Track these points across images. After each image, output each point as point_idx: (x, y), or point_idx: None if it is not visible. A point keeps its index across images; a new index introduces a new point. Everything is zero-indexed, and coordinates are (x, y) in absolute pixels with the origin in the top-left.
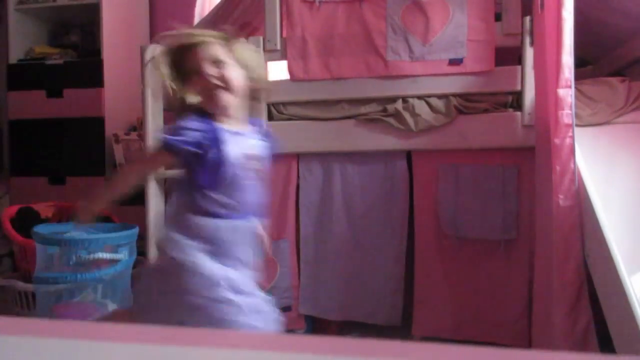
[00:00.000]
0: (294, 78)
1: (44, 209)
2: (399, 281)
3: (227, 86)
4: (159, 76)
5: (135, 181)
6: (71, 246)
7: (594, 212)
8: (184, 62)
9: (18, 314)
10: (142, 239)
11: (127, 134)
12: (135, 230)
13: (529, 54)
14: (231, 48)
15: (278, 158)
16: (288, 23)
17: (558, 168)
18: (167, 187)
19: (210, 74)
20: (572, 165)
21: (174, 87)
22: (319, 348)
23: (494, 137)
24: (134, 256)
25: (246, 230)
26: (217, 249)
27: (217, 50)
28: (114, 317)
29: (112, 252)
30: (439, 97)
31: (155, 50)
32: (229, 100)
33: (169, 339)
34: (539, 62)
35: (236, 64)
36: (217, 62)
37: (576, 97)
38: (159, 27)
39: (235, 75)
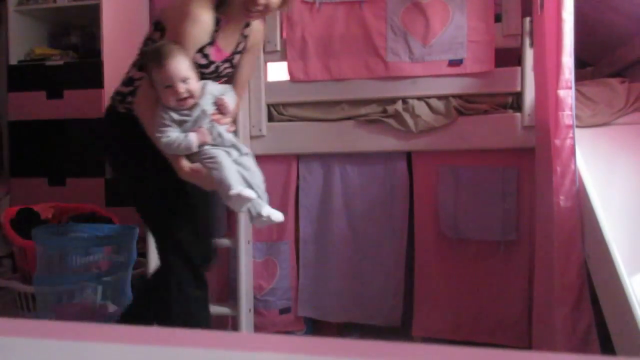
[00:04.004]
0: (293, 79)
1: (44, 210)
2: (399, 282)
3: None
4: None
5: None
6: (71, 247)
7: (595, 213)
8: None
9: (18, 316)
10: (142, 240)
11: None
12: (135, 232)
13: (528, 55)
14: None
15: (278, 159)
16: (288, 24)
17: (559, 169)
18: None
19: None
20: (572, 167)
21: None
22: (319, 350)
23: (494, 138)
24: (134, 257)
25: None
26: None
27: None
28: None
29: (112, 253)
30: (439, 98)
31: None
32: None
33: (169, 339)
34: (539, 63)
35: None
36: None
37: (576, 99)
38: None
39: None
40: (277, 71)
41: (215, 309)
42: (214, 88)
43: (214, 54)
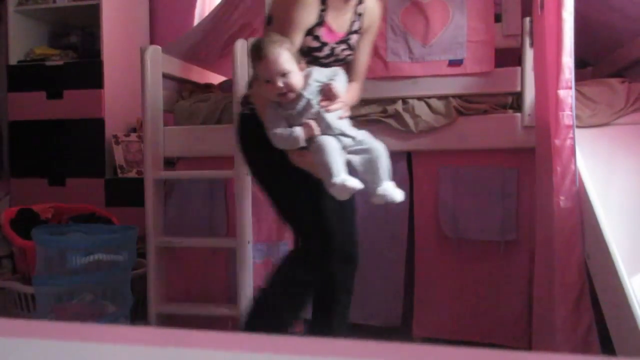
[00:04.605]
0: None
1: (44, 210)
2: (399, 283)
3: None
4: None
5: None
6: (71, 248)
7: (595, 213)
8: None
9: (18, 316)
10: (141, 240)
11: (127, 135)
12: (135, 232)
13: (529, 55)
14: None
15: None
16: None
17: (559, 169)
18: (167, 189)
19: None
20: (572, 167)
21: None
22: (319, 350)
23: (494, 138)
24: (134, 257)
25: None
26: None
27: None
28: None
29: (112, 253)
30: (439, 98)
31: (156, 52)
32: None
33: (169, 340)
34: (539, 63)
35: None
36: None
37: (576, 99)
38: (158, 28)
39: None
40: None
41: (215, 310)
42: (320, 75)
43: (326, 35)
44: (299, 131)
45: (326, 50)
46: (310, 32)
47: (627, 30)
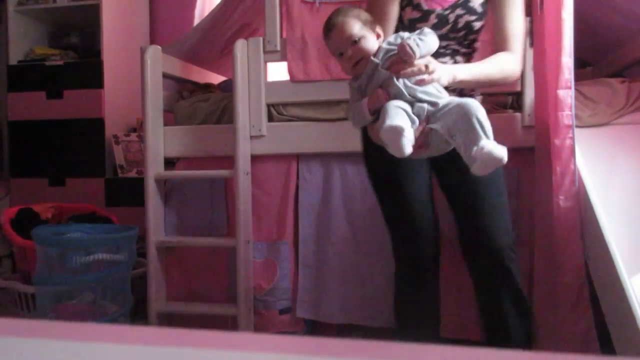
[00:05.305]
0: (293, 79)
1: (44, 210)
2: None
3: None
4: None
5: None
6: (71, 247)
7: (594, 213)
8: None
9: (18, 316)
10: (141, 240)
11: (127, 135)
12: (135, 231)
13: (528, 55)
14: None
15: (278, 159)
16: (288, 24)
17: (558, 169)
18: (167, 189)
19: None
20: (572, 166)
21: None
22: (319, 350)
23: (494, 138)
24: (134, 257)
25: None
26: None
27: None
28: None
29: (112, 253)
30: None
31: (156, 51)
32: None
33: (169, 339)
34: (539, 63)
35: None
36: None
37: (576, 98)
38: (159, 28)
39: None
40: (277, 71)
41: (215, 309)
42: (394, 37)
43: (428, 1)
44: (362, 104)
45: (433, 20)
46: (409, 2)
47: (627, 30)
